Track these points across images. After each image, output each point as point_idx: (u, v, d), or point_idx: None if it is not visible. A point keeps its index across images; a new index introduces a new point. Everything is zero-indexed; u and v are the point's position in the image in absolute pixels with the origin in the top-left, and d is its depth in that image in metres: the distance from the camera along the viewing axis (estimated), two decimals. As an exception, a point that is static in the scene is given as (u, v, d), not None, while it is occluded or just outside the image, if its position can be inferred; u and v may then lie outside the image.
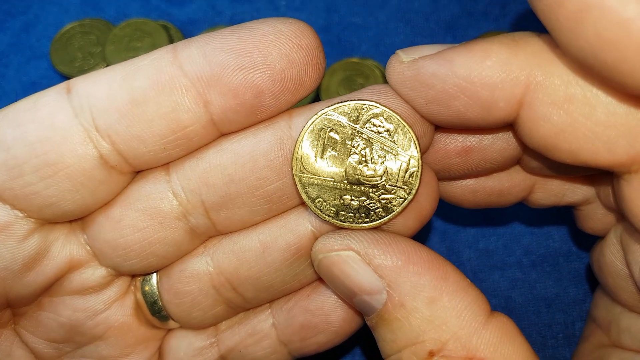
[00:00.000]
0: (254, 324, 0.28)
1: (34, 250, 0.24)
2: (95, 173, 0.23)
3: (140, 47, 0.42)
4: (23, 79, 0.43)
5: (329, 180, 0.23)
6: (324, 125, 0.23)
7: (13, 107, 0.23)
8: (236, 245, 0.26)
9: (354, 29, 0.44)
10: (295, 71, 0.22)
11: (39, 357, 0.27)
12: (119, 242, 0.25)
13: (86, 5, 0.45)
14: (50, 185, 0.22)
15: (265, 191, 0.24)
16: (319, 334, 0.27)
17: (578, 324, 0.36)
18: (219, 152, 0.24)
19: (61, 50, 0.43)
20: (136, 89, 0.22)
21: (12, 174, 0.22)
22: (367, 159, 0.23)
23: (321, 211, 0.24)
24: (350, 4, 0.45)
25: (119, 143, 0.22)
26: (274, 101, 0.23)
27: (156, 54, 0.22)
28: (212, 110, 0.22)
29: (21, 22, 0.45)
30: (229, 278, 0.26)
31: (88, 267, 0.26)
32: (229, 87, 0.22)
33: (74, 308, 0.26)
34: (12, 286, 0.24)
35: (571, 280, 0.37)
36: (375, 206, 0.23)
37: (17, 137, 0.22)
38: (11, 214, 0.23)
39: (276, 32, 0.22)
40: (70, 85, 0.23)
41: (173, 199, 0.24)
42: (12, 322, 0.26)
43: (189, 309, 0.27)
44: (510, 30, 0.43)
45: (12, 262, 0.23)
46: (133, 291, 0.27)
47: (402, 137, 0.23)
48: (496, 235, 0.38)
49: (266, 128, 0.24)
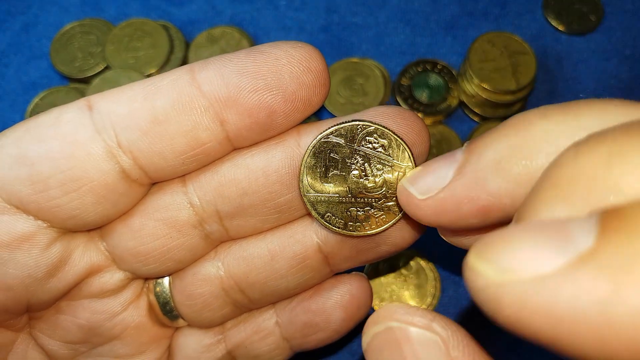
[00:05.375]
0: (259, 322, 0.29)
1: (57, 258, 0.25)
2: (117, 186, 0.24)
3: (140, 47, 0.42)
4: (23, 79, 0.43)
5: (334, 197, 0.25)
6: (323, 148, 0.25)
7: (35, 123, 0.24)
8: (246, 252, 0.27)
9: (354, 29, 0.44)
10: (305, 92, 0.24)
11: (54, 358, 0.28)
12: (140, 249, 0.26)
13: (86, 5, 0.45)
14: (74, 199, 0.23)
15: (276, 203, 0.26)
16: (319, 331, 0.29)
17: (578, 324, 0.36)
18: (233, 167, 0.25)
19: (61, 50, 0.43)
20: (157, 109, 0.23)
21: (36, 188, 0.23)
22: (366, 173, 0.25)
23: (331, 224, 0.26)
24: (350, 4, 0.45)
25: (141, 159, 0.24)
26: (284, 120, 0.24)
27: (175, 74, 0.24)
28: (228, 128, 0.24)
29: (21, 22, 0.45)
30: (237, 282, 0.27)
31: (107, 272, 0.27)
32: (245, 108, 0.23)
33: (92, 310, 0.27)
34: (34, 293, 0.25)
35: (571, 280, 0.37)
36: (379, 214, 0.25)
37: (41, 153, 0.23)
38: (35, 225, 0.24)
39: (288, 56, 0.23)
40: (91, 102, 0.24)
41: (190, 209, 0.26)
42: (28, 326, 0.27)
43: (200, 309, 0.28)
44: (510, 30, 0.43)
45: (36, 270, 0.24)
46: (146, 293, 0.29)
47: (397, 150, 0.25)
48: (496, 235, 0.38)
49: (277, 145, 0.25)
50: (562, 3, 0.44)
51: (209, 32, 0.43)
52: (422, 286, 0.37)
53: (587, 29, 0.43)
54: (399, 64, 0.42)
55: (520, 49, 0.40)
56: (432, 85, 0.41)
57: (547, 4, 0.44)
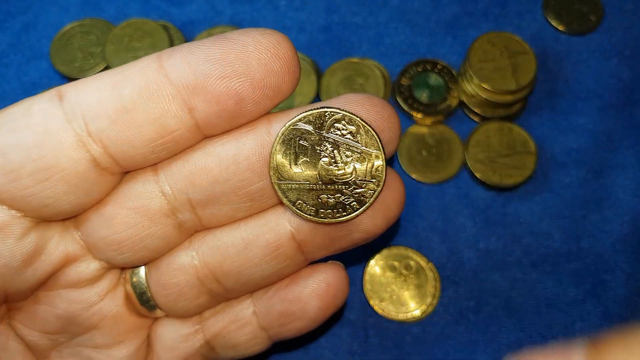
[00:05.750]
0: (236, 312, 0.30)
1: (32, 247, 0.25)
2: (88, 175, 0.24)
3: (140, 47, 0.42)
4: (23, 79, 0.43)
5: (305, 184, 0.25)
6: (293, 135, 0.25)
7: (6, 114, 0.24)
8: (220, 241, 0.27)
9: (354, 29, 0.44)
10: (273, 79, 0.24)
11: (34, 348, 0.28)
12: (113, 238, 0.26)
13: (86, 5, 0.45)
14: (47, 188, 0.24)
15: (247, 191, 0.26)
16: (296, 320, 0.29)
17: (578, 324, 0.36)
18: (204, 155, 0.26)
19: (61, 50, 0.43)
20: (125, 97, 0.23)
21: (9, 177, 0.23)
22: (336, 160, 0.25)
23: (302, 212, 0.26)
24: (350, 4, 0.45)
25: (110, 147, 0.24)
26: (254, 107, 0.24)
27: (143, 62, 0.24)
28: (196, 115, 0.24)
29: (21, 22, 0.45)
30: (212, 271, 0.28)
31: (82, 261, 0.27)
32: (213, 95, 0.23)
33: (69, 300, 0.27)
34: (11, 282, 0.25)
35: (571, 280, 0.37)
36: (349, 200, 0.26)
37: (13, 143, 0.23)
38: (9, 214, 0.24)
39: (255, 43, 0.23)
40: (61, 92, 0.24)
41: (162, 197, 0.26)
42: (7, 317, 0.28)
43: (176, 299, 0.29)
44: (510, 30, 0.43)
45: (11, 260, 0.25)
46: (123, 283, 0.29)
47: (365, 137, 0.25)
48: (496, 235, 0.38)
49: (247, 133, 0.25)
50: (562, 3, 0.44)
51: (209, 32, 0.43)
52: (422, 286, 0.37)
53: (587, 29, 0.43)
54: (399, 64, 0.42)
55: (520, 49, 0.40)
56: (432, 85, 0.41)
57: (547, 4, 0.44)
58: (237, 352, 0.30)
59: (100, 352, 0.29)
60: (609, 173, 0.39)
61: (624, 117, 0.41)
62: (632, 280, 0.36)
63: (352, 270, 0.38)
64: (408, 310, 0.36)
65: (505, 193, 0.39)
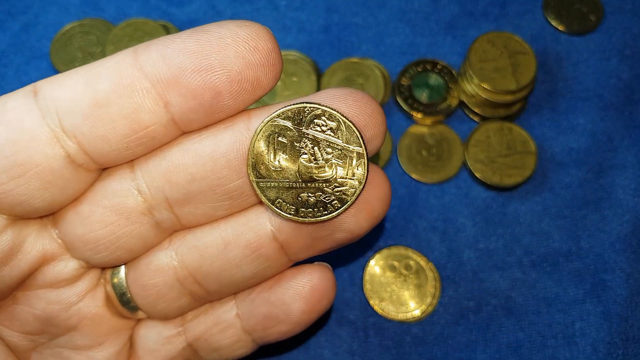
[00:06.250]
0: (219, 314, 0.29)
1: (8, 246, 0.25)
2: (63, 172, 0.24)
3: (140, 47, 0.42)
4: (23, 79, 0.43)
5: (284, 182, 0.25)
6: (271, 132, 0.24)
7: None
8: (199, 241, 0.27)
9: (354, 29, 0.44)
10: (252, 72, 0.23)
11: (14, 349, 0.28)
12: (89, 237, 0.26)
13: (86, 5, 0.45)
14: (21, 185, 0.23)
15: (226, 189, 0.25)
16: (279, 323, 0.28)
17: (578, 324, 0.36)
18: (181, 152, 0.25)
19: (61, 50, 0.43)
20: (99, 92, 0.23)
21: None
22: (316, 157, 0.24)
23: (282, 211, 0.25)
24: (350, 4, 0.45)
25: (84, 143, 0.23)
26: (232, 101, 0.23)
27: (118, 56, 0.23)
28: (172, 110, 0.23)
29: (21, 22, 0.45)
30: (192, 272, 0.27)
31: (60, 261, 0.27)
32: (188, 89, 0.23)
33: (48, 300, 0.27)
34: None
35: (571, 280, 0.37)
36: (330, 199, 0.25)
37: None
38: None
39: (233, 35, 0.23)
40: (36, 88, 0.24)
41: (138, 196, 0.25)
42: None
43: (155, 300, 0.28)
44: (510, 30, 0.43)
45: None
46: (103, 284, 0.28)
47: (346, 133, 0.24)
48: (496, 235, 0.38)
49: (226, 129, 0.25)
50: (562, 3, 0.44)
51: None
52: (422, 286, 0.37)
53: (587, 29, 0.43)
54: (399, 64, 0.42)
55: (520, 49, 0.40)
56: (432, 85, 0.41)
57: (547, 4, 0.44)
58: (221, 356, 0.30)
59: (81, 353, 0.28)
60: (609, 173, 0.39)
61: (624, 117, 0.41)
62: (632, 280, 0.36)
63: (352, 270, 0.38)
64: (408, 310, 0.36)
65: (505, 193, 0.39)
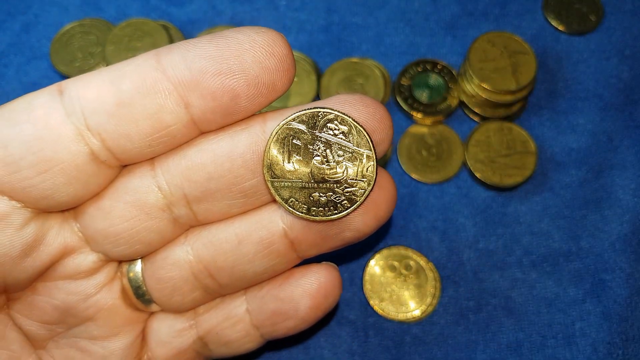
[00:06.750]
0: (230, 309, 0.30)
1: (31, 238, 0.26)
2: (86, 168, 0.25)
3: (140, 47, 0.42)
4: (23, 79, 0.43)
5: (297, 182, 0.26)
6: (286, 134, 0.26)
7: (8, 107, 0.25)
8: (215, 237, 0.28)
9: (354, 29, 0.44)
10: (268, 76, 0.24)
11: (32, 338, 0.29)
12: (110, 231, 0.27)
13: (86, 5, 0.45)
14: (46, 179, 0.24)
15: (241, 187, 0.26)
16: (287, 319, 0.29)
17: (578, 324, 0.36)
18: (199, 152, 0.26)
19: (61, 50, 0.43)
20: (123, 92, 0.24)
21: (9, 169, 0.24)
22: (328, 159, 0.26)
23: (294, 209, 0.26)
24: (350, 4, 0.45)
25: (108, 141, 0.25)
26: (248, 104, 0.25)
27: (141, 59, 0.25)
28: (192, 111, 0.25)
29: (21, 22, 0.45)
30: (206, 266, 0.28)
31: (80, 253, 0.28)
32: (208, 91, 0.24)
33: (67, 291, 0.28)
34: (10, 272, 0.26)
35: (571, 280, 0.37)
36: (341, 199, 0.26)
37: (14, 136, 0.24)
38: (9, 205, 0.25)
39: (250, 41, 0.24)
40: (61, 87, 0.25)
41: (158, 192, 0.27)
42: (6, 307, 0.28)
43: (170, 293, 0.29)
44: (510, 30, 0.43)
45: (10, 249, 0.25)
46: (119, 277, 0.30)
47: (357, 137, 0.25)
48: (496, 235, 0.38)
49: (242, 131, 0.26)
50: (562, 3, 0.44)
51: (209, 32, 0.43)
52: (422, 286, 0.37)
53: (587, 29, 0.43)
54: (399, 64, 0.43)
55: (520, 49, 0.40)
56: (432, 85, 0.41)
57: (547, 4, 0.44)
58: (230, 350, 0.31)
59: (96, 343, 0.29)
60: (609, 173, 0.39)
61: (624, 117, 0.41)
62: (632, 280, 0.36)
63: (352, 270, 0.38)
64: (408, 310, 0.36)
65: (505, 193, 0.39)
